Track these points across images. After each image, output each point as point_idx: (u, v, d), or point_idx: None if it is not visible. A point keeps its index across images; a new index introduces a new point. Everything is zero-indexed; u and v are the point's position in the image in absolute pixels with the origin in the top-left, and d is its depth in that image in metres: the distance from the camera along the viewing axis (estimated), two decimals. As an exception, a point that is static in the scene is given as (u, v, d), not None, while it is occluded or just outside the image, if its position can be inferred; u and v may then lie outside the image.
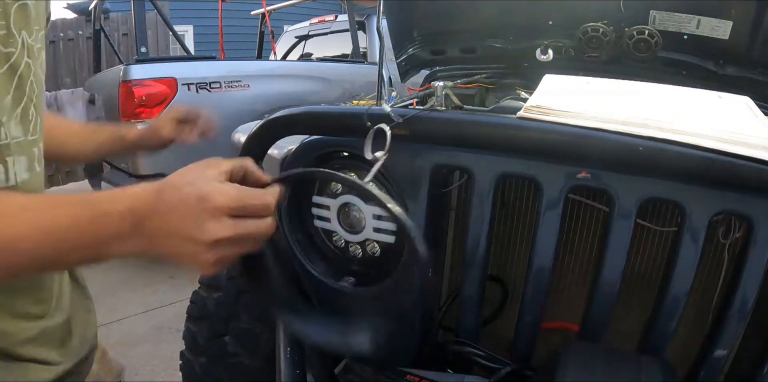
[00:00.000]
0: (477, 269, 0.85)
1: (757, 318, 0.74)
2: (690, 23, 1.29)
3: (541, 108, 0.76)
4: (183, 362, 1.32)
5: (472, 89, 1.46)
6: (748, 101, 0.91)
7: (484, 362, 0.87)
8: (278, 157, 1.07)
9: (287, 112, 0.88)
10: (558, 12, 1.44)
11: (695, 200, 0.71)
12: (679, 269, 0.73)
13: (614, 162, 0.72)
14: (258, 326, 1.21)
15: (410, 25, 1.70)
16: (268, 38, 4.39)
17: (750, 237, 0.70)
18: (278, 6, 4.34)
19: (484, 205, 0.82)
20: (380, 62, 1.66)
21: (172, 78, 2.70)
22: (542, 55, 1.46)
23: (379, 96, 1.64)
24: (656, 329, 0.76)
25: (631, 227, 0.75)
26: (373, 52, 3.70)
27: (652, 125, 0.70)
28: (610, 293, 0.77)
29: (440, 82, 0.83)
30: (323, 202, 0.97)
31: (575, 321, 0.86)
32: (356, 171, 0.93)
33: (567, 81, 0.99)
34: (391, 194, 0.89)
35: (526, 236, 0.92)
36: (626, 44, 1.34)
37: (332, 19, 4.15)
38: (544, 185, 0.78)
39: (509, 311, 0.97)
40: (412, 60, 1.78)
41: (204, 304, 1.28)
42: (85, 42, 5.72)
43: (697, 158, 0.66)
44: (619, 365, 0.68)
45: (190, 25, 8.48)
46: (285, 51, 4.50)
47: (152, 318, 2.44)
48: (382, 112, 0.77)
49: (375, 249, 0.95)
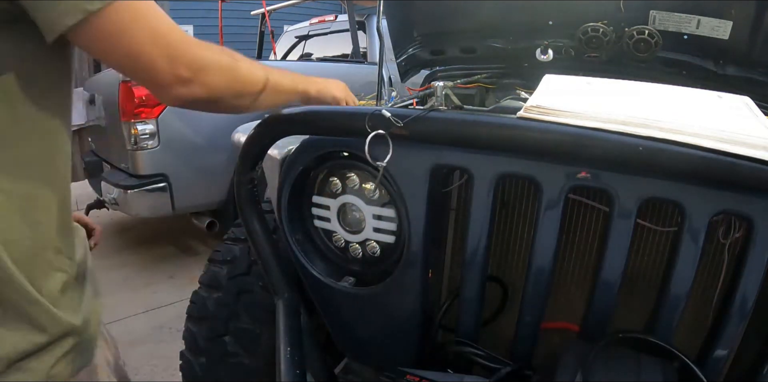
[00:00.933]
0: (477, 269, 0.85)
1: (757, 318, 0.74)
2: (690, 23, 1.29)
3: (541, 108, 0.76)
4: (183, 362, 1.32)
5: (472, 89, 1.46)
6: (748, 101, 0.91)
7: (484, 362, 0.87)
8: (278, 157, 1.07)
9: (287, 112, 0.88)
10: (558, 12, 1.44)
11: (695, 200, 0.71)
12: (679, 269, 0.73)
13: (614, 162, 0.72)
14: (258, 326, 1.21)
15: (410, 25, 1.71)
16: (268, 38, 4.39)
17: (750, 237, 0.70)
18: (278, 6, 4.34)
19: (484, 205, 0.82)
20: (380, 62, 1.66)
21: (172, 78, 2.69)
22: (542, 55, 1.46)
23: (379, 96, 1.64)
24: (656, 329, 0.76)
25: (631, 227, 0.75)
26: (373, 52, 3.70)
27: (652, 125, 0.70)
28: (610, 293, 0.77)
29: (440, 82, 0.83)
30: (323, 202, 0.97)
31: (575, 321, 0.86)
32: (356, 171, 0.93)
33: (567, 81, 0.99)
34: (391, 194, 0.89)
35: (526, 236, 0.92)
36: (626, 44, 1.34)
37: (332, 19, 4.14)
38: (544, 185, 0.78)
39: (509, 311, 0.97)
40: (412, 60, 1.78)
41: (204, 304, 1.28)
42: (85, 42, 5.70)
43: (697, 158, 0.66)
44: (619, 365, 0.68)
45: (190, 25, 8.47)
46: (285, 51, 4.49)
47: (152, 318, 2.44)
48: (382, 116, 0.77)
49: (375, 249, 0.95)
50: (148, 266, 3.04)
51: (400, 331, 0.97)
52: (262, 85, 0.73)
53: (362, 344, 1.06)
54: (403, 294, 0.92)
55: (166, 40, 0.58)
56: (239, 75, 0.69)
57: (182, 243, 3.46)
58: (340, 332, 1.07)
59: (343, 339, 1.09)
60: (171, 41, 0.58)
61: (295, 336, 0.96)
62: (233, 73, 0.67)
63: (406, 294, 0.91)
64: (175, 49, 0.59)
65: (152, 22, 0.57)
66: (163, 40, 0.57)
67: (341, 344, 1.10)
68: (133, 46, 0.56)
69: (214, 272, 1.31)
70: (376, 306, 0.97)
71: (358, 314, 1.00)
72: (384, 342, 1.01)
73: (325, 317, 1.06)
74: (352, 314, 1.01)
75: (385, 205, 0.91)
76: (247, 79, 0.71)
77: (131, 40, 0.55)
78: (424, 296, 0.92)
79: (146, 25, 0.56)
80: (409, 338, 0.96)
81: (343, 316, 1.02)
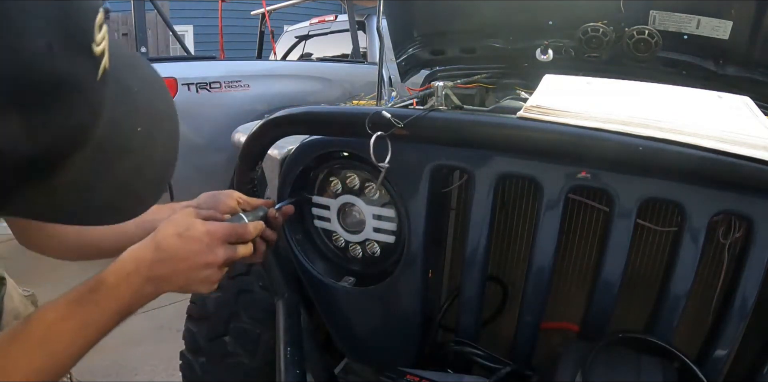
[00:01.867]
0: (477, 269, 0.85)
1: (757, 318, 0.74)
2: (690, 23, 1.29)
3: (541, 108, 0.76)
4: (183, 362, 1.31)
5: (472, 89, 1.46)
6: (748, 101, 0.91)
7: (484, 362, 0.87)
8: (278, 157, 1.07)
9: (287, 112, 0.88)
10: (558, 12, 1.44)
11: (695, 199, 0.71)
12: (679, 269, 0.73)
13: (614, 162, 0.72)
14: (258, 326, 1.21)
15: (410, 25, 1.70)
16: (268, 38, 4.39)
17: (750, 237, 0.70)
18: (278, 6, 4.34)
19: (484, 205, 0.82)
20: (380, 62, 1.66)
21: (172, 78, 2.69)
22: (542, 55, 1.46)
23: (379, 96, 1.64)
24: (656, 329, 0.76)
25: (631, 227, 0.74)
26: (373, 52, 3.70)
27: (652, 125, 0.70)
28: (610, 293, 0.77)
29: (440, 82, 0.83)
30: (323, 202, 0.97)
31: (575, 321, 0.86)
32: (356, 171, 0.93)
33: (567, 81, 0.99)
34: (391, 194, 0.89)
35: (526, 236, 0.92)
36: (626, 44, 1.34)
37: (332, 19, 4.14)
38: (544, 185, 0.78)
39: (509, 311, 0.97)
40: (412, 60, 1.78)
41: (204, 304, 1.28)
42: (85, 42, 5.70)
43: (697, 158, 0.66)
44: (619, 365, 0.68)
45: (190, 25, 8.48)
46: (285, 51, 4.50)
47: (152, 318, 2.44)
48: (383, 116, 0.77)
49: (375, 249, 0.95)
50: (148, 266, 3.03)
51: (400, 331, 0.97)
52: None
53: (362, 344, 1.06)
54: (403, 294, 0.92)
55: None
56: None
57: (182, 243, 3.45)
58: (340, 332, 1.07)
59: (343, 339, 1.09)
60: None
61: (295, 336, 0.96)
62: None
63: (406, 294, 0.91)
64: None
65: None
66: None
67: (341, 344, 1.10)
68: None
69: (214, 272, 1.31)
70: (376, 306, 0.97)
71: (358, 314, 1.00)
72: (384, 342, 1.01)
73: (325, 317, 1.06)
74: (352, 314, 1.01)
75: (385, 205, 0.91)
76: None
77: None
78: (424, 296, 0.92)
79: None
80: (409, 338, 0.96)
81: (343, 316, 1.02)
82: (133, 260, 0.60)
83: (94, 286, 0.58)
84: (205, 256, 0.62)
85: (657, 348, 0.70)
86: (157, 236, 0.62)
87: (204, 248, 0.62)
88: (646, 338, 0.71)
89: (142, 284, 0.59)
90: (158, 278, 0.60)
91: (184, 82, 2.74)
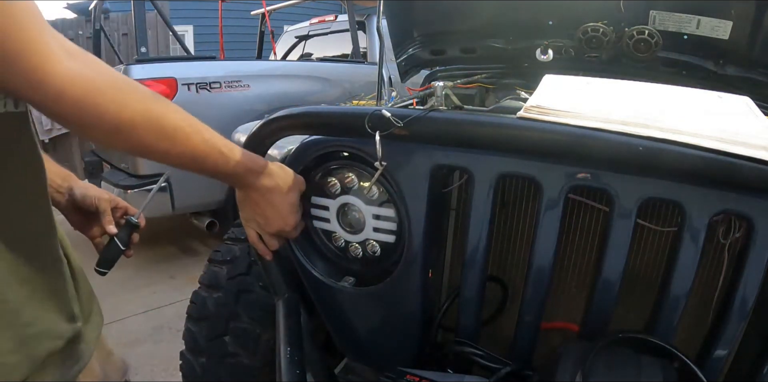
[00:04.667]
0: (477, 269, 0.85)
1: (757, 318, 0.74)
2: (690, 23, 1.29)
3: (541, 108, 0.76)
4: (183, 362, 1.32)
5: (472, 89, 1.46)
6: (748, 101, 0.91)
7: (484, 362, 0.87)
8: (278, 158, 1.07)
9: (287, 112, 0.88)
10: (558, 12, 1.44)
11: (695, 200, 0.71)
12: (679, 269, 0.73)
13: (614, 162, 0.72)
14: (258, 326, 1.21)
15: (410, 25, 1.70)
16: (268, 38, 4.39)
17: (750, 237, 0.70)
18: (278, 6, 4.34)
19: (484, 205, 0.82)
20: (380, 62, 1.66)
21: (172, 78, 2.70)
22: (542, 55, 1.46)
23: (379, 96, 1.64)
24: (656, 329, 0.76)
25: (631, 227, 0.75)
26: (373, 52, 3.70)
27: (652, 125, 0.70)
28: (610, 293, 0.77)
29: (440, 82, 0.83)
30: (322, 202, 0.97)
31: (575, 321, 0.86)
32: (355, 171, 0.93)
33: (567, 81, 0.99)
34: (391, 194, 0.89)
35: (526, 236, 0.92)
36: (626, 44, 1.34)
37: (332, 19, 4.14)
38: (544, 185, 0.78)
39: (509, 311, 0.97)
40: (412, 60, 1.78)
41: (204, 304, 1.28)
42: (85, 42, 5.70)
43: (697, 158, 0.66)
44: (619, 365, 0.68)
45: (190, 25, 8.48)
46: (285, 51, 4.50)
47: (152, 318, 2.44)
48: (382, 116, 0.77)
49: (375, 249, 0.95)
50: (148, 266, 3.04)
51: (400, 331, 0.97)
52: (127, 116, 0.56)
53: (362, 344, 1.06)
54: (403, 294, 0.92)
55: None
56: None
57: (182, 243, 3.46)
58: (340, 332, 1.07)
59: (343, 339, 1.09)
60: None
61: (295, 336, 0.96)
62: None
63: (406, 294, 0.91)
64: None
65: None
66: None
67: (341, 344, 1.10)
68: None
69: (214, 271, 1.31)
70: (376, 306, 0.97)
71: (358, 314, 1.00)
72: (384, 342, 1.01)
73: (325, 317, 1.06)
74: (352, 314, 1.01)
75: (384, 205, 0.91)
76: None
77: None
78: (424, 296, 0.92)
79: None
80: (409, 338, 0.96)
81: (343, 316, 1.02)
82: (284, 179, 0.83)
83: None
84: (295, 204, 0.86)
85: (657, 348, 0.70)
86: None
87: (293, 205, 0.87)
88: (646, 338, 0.71)
89: (267, 174, 0.80)
90: (272, 184, 0.81)
91: (184, 82, 2.74)
